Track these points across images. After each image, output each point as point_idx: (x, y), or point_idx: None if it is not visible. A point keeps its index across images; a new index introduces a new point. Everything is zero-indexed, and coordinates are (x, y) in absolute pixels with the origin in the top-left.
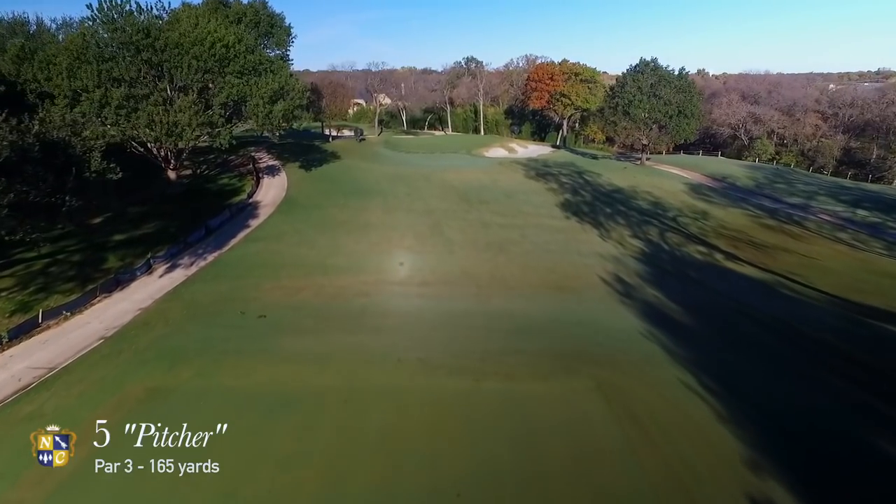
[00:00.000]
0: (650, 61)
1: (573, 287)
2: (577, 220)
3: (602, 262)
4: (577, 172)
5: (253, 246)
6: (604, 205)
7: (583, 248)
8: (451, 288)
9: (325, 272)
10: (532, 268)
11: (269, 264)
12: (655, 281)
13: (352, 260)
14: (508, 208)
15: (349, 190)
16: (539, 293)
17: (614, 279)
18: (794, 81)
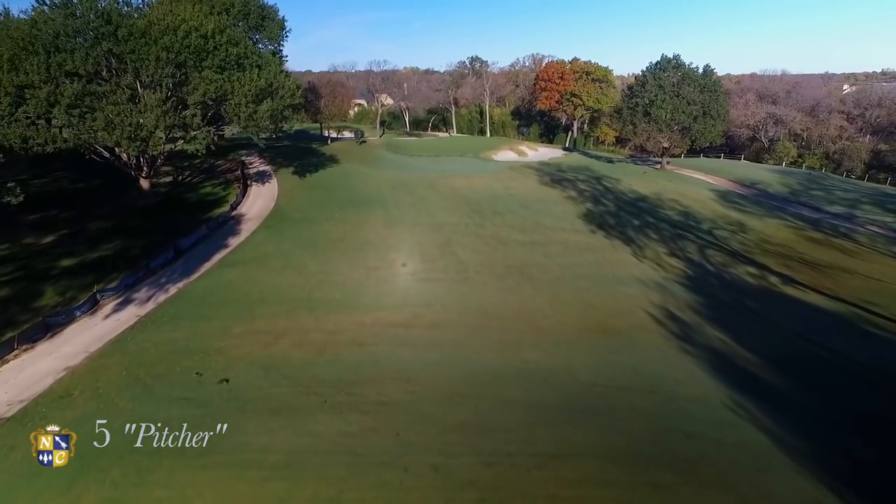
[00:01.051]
0: (672, 58)
1: (619, 328)
2: (604, 235)
3: (645, 291)
4: (595, 178)
5: (228, 273)
6: (630, 216)
7: (619, 272)
8: (470, 332)
9: (312, 308)
10: (565, 301)
11: (245, 298)
12: (713, 317)
13: (346, 291)
14: (526, 221)
15: (346, 200)
16: (579, 338)
17: (665, 315)
18: (810, 81)
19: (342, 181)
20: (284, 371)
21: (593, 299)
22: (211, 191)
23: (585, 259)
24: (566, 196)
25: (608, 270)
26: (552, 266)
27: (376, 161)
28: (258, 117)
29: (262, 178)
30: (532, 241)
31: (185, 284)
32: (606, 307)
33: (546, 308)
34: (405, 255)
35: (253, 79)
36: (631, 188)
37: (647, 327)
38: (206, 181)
